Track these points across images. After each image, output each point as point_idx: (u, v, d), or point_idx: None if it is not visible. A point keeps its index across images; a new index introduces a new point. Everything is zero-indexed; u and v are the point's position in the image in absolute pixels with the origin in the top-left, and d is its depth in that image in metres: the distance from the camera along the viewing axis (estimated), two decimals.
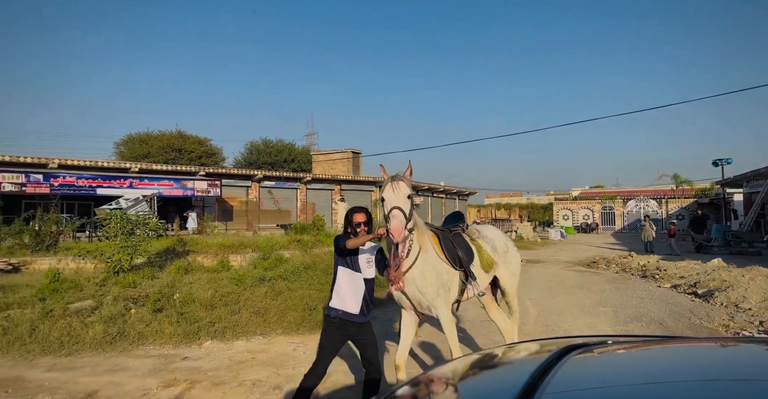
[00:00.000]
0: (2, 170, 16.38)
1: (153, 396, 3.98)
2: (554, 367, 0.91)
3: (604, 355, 1.09)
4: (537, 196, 63.81)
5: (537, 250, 20.20)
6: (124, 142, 33.29)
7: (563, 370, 0.90)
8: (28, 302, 5.98)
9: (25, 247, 10.69)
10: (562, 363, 0.94)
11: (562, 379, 0.85)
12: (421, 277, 3.24)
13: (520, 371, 1.15)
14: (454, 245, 3.54)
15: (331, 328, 3.17)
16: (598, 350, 1.11)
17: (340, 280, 3.21)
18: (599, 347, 1.12)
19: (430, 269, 3.26)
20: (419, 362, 4.86)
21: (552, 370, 0.90)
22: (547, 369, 0.90)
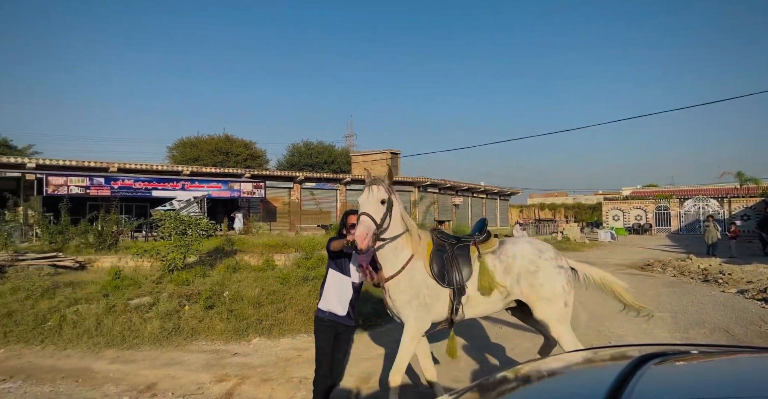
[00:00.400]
0: (69, 174, 17.71)
1: (206, 390, 4.14)
2: (632, 377, 0.85)
3: (686, 365, 1.01)
4: (584, 195, 61.28)
5: (585, 252, 19.38)
6: (176, 146, 35.10)
7: (643, 380, 0.84)
8: (93, 298, 6.40)
9: (90, 246, 11.48)
10: (641, 373, 0.88)
11: (643, 390, 0.79)
12: (394, 284, 3.11)
13: (593, 381, 1.09)
14: (449, 260, 3.18)
15: (322, 327, 3.21)
16: (680, 360, 1.03)
17: (328, 282, 3.25)
18: (680, 356, 1.04)
19: (408, 278, 3.10)
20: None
21: (630, 380, 0.84)
22: (624, 379, 0.84)
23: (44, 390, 4.17)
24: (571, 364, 1.43)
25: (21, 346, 5.29)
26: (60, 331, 5.53)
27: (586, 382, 1.12)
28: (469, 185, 35.98)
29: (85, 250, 11.21)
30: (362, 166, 34.15)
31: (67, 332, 5.51)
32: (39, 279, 6.86)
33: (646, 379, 0.85)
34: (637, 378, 0.84)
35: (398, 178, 30.53)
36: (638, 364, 0.92)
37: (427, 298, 3.11)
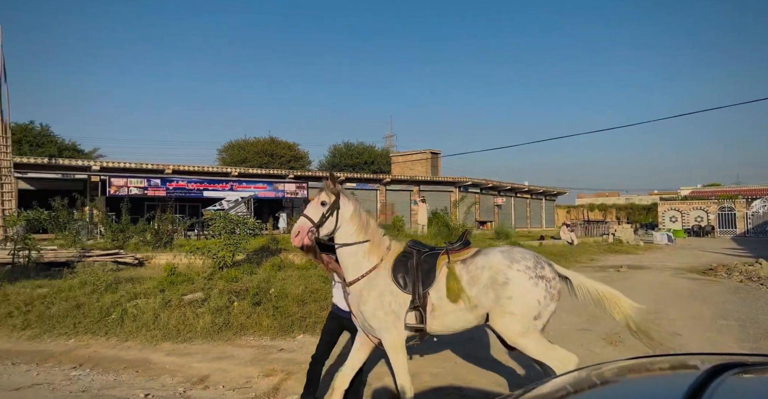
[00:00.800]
0: (129, 176, 18.91)
1: (254, 384, 4.28)
2: (706, 388, 0.78)
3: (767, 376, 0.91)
4: (638, 195, 58.09)
5: (639, 254, 18.36)
6: (225, 148, 36.63)
7: (721, 391, 0.77)
8: (151, 293, 6.79)
9: (148, 244, 12.20)
10: (717, 384, 0.80)
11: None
12: (357, 295, 3.09)
13: (663, 390, 1.01)
14: (413, 266, 3.09)
15: (329, 318, 3.70)
16: (761, 371, 0.93)
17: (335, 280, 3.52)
18: (761, 368, 0.94)
19: (370, 288, 3.06)
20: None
21: (705, 391, 0.76)
22: (698, 389, 0.77)
23: (109, 378, 4.46)
24: (633, 372, 1.34)
25: (88, 336, 5.70)
26: (122, 324, 5.91)
27: (654, 391, 1.04)
28: (513, 185, 35.05)
29: (143, 247, 11.91)
30: (402, 167, 34.16)
31: (128, 325, 5.87)
32: (103, 274, 7.35)
33: (723, 390, 0.77)
34: (713, 389, 0.77)
35: (438, 178, 30.27)
36: (713, 373, 0.84)
37: (393, 304, 3.04)
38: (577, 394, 1.18)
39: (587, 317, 6.92)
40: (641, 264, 14.58)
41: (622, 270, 12.92)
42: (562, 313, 7.19)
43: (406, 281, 3.04)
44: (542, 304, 2.93)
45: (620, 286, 9.82)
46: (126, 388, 4.18)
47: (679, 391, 0.78)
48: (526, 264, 3.00)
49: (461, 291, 2.99)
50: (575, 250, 17.32)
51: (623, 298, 3.09)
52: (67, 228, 12.07)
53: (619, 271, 12.80)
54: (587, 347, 5.32)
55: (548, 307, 2.98)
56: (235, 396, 4.02)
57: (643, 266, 13.95)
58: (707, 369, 0.87)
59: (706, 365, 0.93)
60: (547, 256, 13.91)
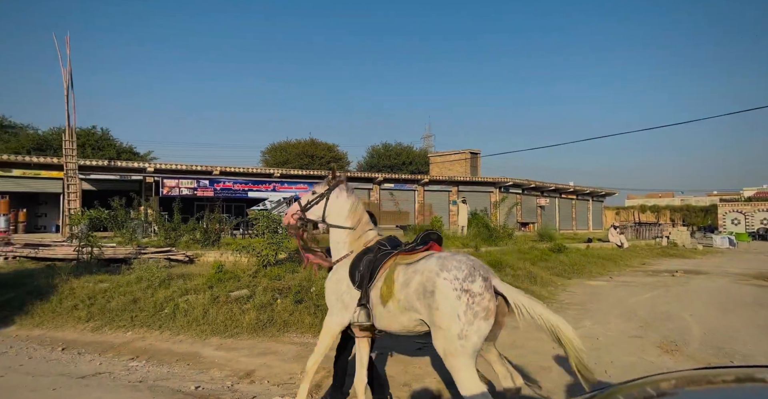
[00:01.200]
0: (180, 177, 19.89)
1: (298, 380, 4.37)
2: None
3: None
4: (694, 196, 54.57)
5: (697, 259, 17.24)
6: (268, 150, 37.75)
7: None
8: (200, 289, 7.10)
9: (197, 242, 12.77)
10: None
11: None
12: (328, 279, 3.38)
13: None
14: (366, 263, 3.13)
15: None
16: None
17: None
18: None
19: (334, 272, 3.34)
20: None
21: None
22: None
23: (163, 370, 4.71)
24: (693, 384, 1.25)
25: (144, 329, 6.04)
26: (174, 318, 6.21)
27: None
28: (557, 185, 33.88)
29: (193, 245, 12.49)
30: (440, 167, 33.85)
31: (179, 319, 6.17)
32: (157, 271, 7.76)
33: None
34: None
35: (477, 179, 29.74)
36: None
37: (345, 295, 3.18)
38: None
39: (639, 323, 6.57)
40: (699, 269, 13.68)
41: (677, 275, 12.18)
42: (612, 318, 6.87)
43: (355, 276, 3.14)
44: (463, 321, 2.58)
45: (676, 292, 9.28)
46: (178, 380, 4.39)
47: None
48: (456, 274, 2.69)
49: (391, 293, 2.94)
50: (625, 254, 16.49)
51: (565, 326, 2.67)
52: (124, 226, 12.85)
53: (674, 275, 12.07)
54: (640, 355, 5.05)
55: (473, 325, 2.58)
56: (280, 391, 4.12)
57: (701, 271, 13.07)
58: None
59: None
60: (593, 259, 13.31)
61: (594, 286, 10.15)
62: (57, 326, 6.23)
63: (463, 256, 2.89)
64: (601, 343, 5.58)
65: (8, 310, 6.58)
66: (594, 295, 8.95)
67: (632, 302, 8.22)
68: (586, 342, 5.60)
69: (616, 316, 7.08)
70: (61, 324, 6.28)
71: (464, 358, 2.59)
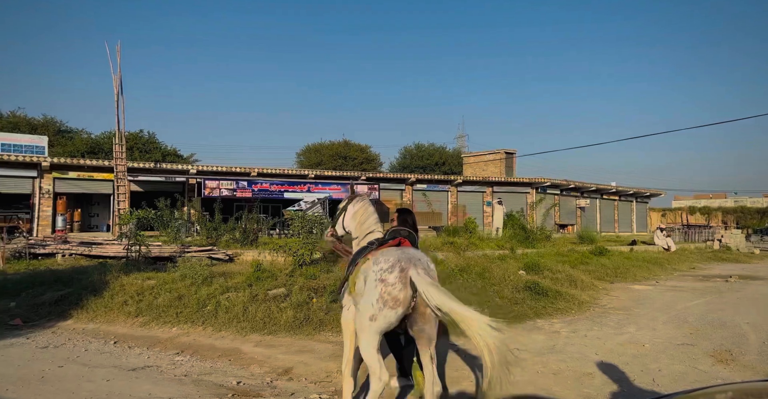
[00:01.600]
0: (221, 178, 20.62)
1: (334, 378, 4.43)
2: None
3: None
4: (749, 197, 51.22)
5: (753, 264, 16.17)
6: (303, 152, 38.48)
7: None
8: (240, 287, 7.33)
9: (236, 241, 13.20)
10: None
11: None
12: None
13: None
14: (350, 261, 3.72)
15: None
16: None
17: None
18: None
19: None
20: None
21: None
22: None
23: (206, 365, 4.89)
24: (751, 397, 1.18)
25: (188, 325, 6.30)
26: (216, 315, 6.44)
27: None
28: (598, 186, 32.69)
29: (233, 244, 12.91)
30: (474, 167, 33.38)
31: (221, 316, 6.39)
32: (200, 268, 8.07)
33: None
34: None
35: (512, 179, 29.12)
36: None
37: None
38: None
39: (689, 330, 6.24)
40: (756, 274, 12.82)
41: (731, 280, 11.46)
42: (659, 324, 6.55)
43: (346, 273, 3.60)
44: (375, 306, 2.94)
45: (731, 299, 8.74)
46: (221, 375, 4.54)
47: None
48: (381, 266, 3.02)
49: (353, 284, 3.29)
50: (672, 257, 15.69)
51: (477, 318, 2.60)
52: (169, 226, 13.46)
53: (727, 281, 11.37)
54: (691, 364, 4.79)
55: (382, 311, 2.92)
56: (317, 389, 4.19)
57: (758, 277, 12.25)
58: None
59: None
60: (638, 262, 12.74)
61: (639, 291, 9.71)
62: (109, 321, 6.60)
63: (399, 250, 3.14)
64: (648, 349, 5.34)
65: (66, 305, 7.04)
66: (639, 300, 8.57)
67: (681, 308, 7.81)
68: (630, 348, 5.39)
69: (663, 322, 6.75)
70: (113, 318, 6.64)
71: (369, 335, 3.02)
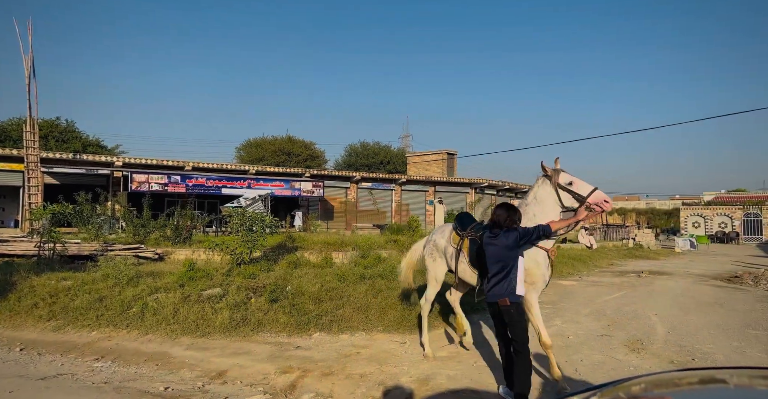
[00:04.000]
0: (150, 172, 19.27)
1: (272, 380, 4.30)
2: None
3: None
4: (659, 200, 56.82)
5: (661, 260, 17.93)
6: (243, 146, 37.04)
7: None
8: (170, 287, 6.90)
9: (167, 239, 12.41)
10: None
11: None
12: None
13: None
14: None
15: (521, 309, 3.82)
16: None
17: (520, 270, 3.77)
18: None
19: None
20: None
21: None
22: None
23: (130, 371, 4.54)
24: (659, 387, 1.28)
25: (110, 329, 5.82)
26: (142, 317, 6.01)
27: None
28: (530, 187, 34.58)
29: (163, 242, 12.12)
30: (418, 167, 34.05)
31: (148, 318, 5.97)
32: (125, 268, 7.50)
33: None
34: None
35: (453, 179, 30.09)
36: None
37: None
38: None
39: (607, 322, 6.78)
40: (663, 270, 14.23)
41: (643, 275, 12.63)
42: (581, 317, 7.06)
43: None
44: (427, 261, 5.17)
45: (642, 292, 9.61)
46: (146, 381, 4.24)
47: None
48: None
49: None
50: (594, 254, 16.99)
51: None
52: (90, 222, 12.36)
53: (640, 276, 12.52)
54: (608, 354, 5.20)
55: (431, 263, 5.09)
56: (253, 392, 4.04)
57: (665, 272, 13.61)
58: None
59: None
60: (565, 259, 13.61)
61: (565, 286, 10.41)
62: (15, 325, 5.93)
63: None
64: (572, 341, 5.73)
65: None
66: (564, 295, 9.18)
67: (601, 302, 8.47)
68: (556, 340, 5.75)
69: (585, 315, 7.28)
70: (20, 323, 5.98)
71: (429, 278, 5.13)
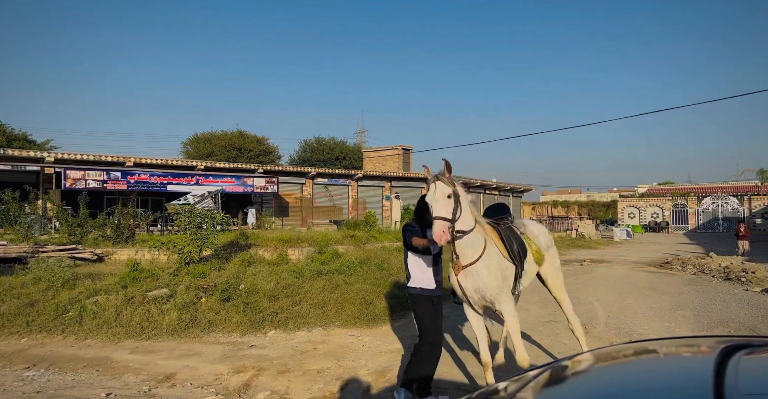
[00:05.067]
0: (87, 168, 17.96)
1: (224, 381, 4.15)
2: (725, 368, 0.79)
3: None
4: (598, 193, 60.46)
5: (601, 249, 19.11)
6: (190, 141, 35.39)
7: (743, 372, 0.78)
8: (112, 289, 6.47)
9: (108, 239, 11.64)
10: (734, 364, 0.81)
11: (748, 382, 0.73)
12: (486, 271, 3.27)
13: (685, 371, 1.02)
14: (512, 239, 3.51)
15: (420, 301, 3.53)
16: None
17: (410, 263, 3.59)
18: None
19: (494, 264, 3.29)
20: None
21: (725, 371, 0.77)
22: (719, 370, 0.78)
23: (66, 378, 4.22)
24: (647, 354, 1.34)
25: (43, 335, 5.38)
26: (80, 322, 5.60)
27: (676, 371, 1.05)
28: (482, 181, 35.70)
29: (103, 242, 11.36)
30: (374, 162, 34.13)
31: (87, 322, 5.57)
32: (59, 270, 6.94)
33: (744, 370, 0.78)
34: (732, 369, 0.77)
35: (409, 174, 30.44)
36: (727, 354, 0.85)
37: (510, 278, 3.43)
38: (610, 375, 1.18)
39: (553, 309, 7.12)
40: (603, 258, 15.17)
41: (585, 264, 13.40)
42: (530, 305, 7.38)
43: (514, 254, 3.44)
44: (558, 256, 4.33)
45: (584, 279, 10.19)
46: (85, 388, 3.96)
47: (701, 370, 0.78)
48: (545, 232, 4.23)
49: (543, 255, 3.99)
50: None
51: None
52: (18, 222, 11.33)
53: (582, 264, 13.28)
54: (555, 338, 5.47)
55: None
56: (204, 393, 3.88)
57: (604, 260, 14.52)
58: (720, 350, 0.88)
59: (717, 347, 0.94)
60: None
61: None
62: None
63: (533, 223, 4.27)
64: (521, 327, 5.97)
65: None
66: None
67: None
68: (506, 328, 5.98)
69: (533, 302, 7.61)
70: None
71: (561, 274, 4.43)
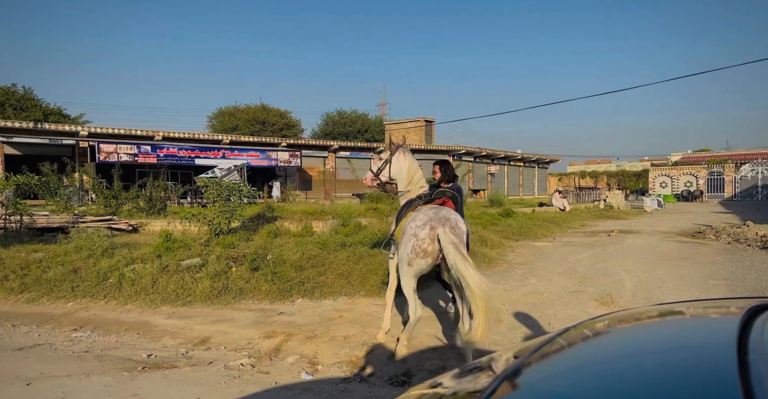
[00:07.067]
0: (119, 142, 18.52)
1: (256, 345, 4.36)
2: (751, 326, 0.77)
3: None
4: (629, 162, 58.59)
5: (630, 219, 18.64)
6: (216, 115, 35.81)
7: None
8: (148, 258, 6.79)
9: (141, 211, 12.11)
10: (761, 322, 0.80)
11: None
12: (399, 236, 3.82)
13: (710, 329, 1.01)
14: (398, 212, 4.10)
15: None
16: None
17: None
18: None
19: (403, 234, 3.78)
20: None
21: (751, 329, 0.76)
22: (743, 330, 0.77)
23: (111, 340, 4.52)
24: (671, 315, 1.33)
25: (87, 300, 5.73)
26: (120, 288, 5.93)
27: (700, 332, 1.05)
28: (506, 153, 34.97)
29: (137, 214, 11.83)
30: (396, 135, 33.79)
31: (126, 289, 5.90)
32: (98, 239, 7.31)
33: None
34: (760, 325, 0.76)
35: (431, 147, 30.06)
36: (756, 312, 0.84)
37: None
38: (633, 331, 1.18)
39: (579, 279, 7.07)
40: (632, 229, 14.82)
41: (613, 234, 13.14)
42: (555, 276, 7.35)
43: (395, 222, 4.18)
44: (410, 255, 3.60)
45: (612, 250, 10.02)
46: (128, 349, 4.24)
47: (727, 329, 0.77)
48: (417, 223, 3.63)
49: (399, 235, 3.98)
50: (567, 216, 17.52)
51: (474, 281, 3.18)
52: (58, 194, 11.90)
53: (610, 235, 13.02)
54: (580, 308, 5.46)
55: (415, 259, 3.59)
56: (238, 356, 4.09)
57: (633, 231, 14.18)
58: (746, 309, 0.86)
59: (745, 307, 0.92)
60: (539, 222, 13.97)
61: (539, 247, 10.75)
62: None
63: (433, 210, 3.68)
64: (545, 298, 5.97)
65: None
66: (539, 255, 9.50)
67: (573, 260, 8.80)
68: (531, 298, 5.99)
69: (558, 273, 7.57)
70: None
71: (407, 277, 3.72)
